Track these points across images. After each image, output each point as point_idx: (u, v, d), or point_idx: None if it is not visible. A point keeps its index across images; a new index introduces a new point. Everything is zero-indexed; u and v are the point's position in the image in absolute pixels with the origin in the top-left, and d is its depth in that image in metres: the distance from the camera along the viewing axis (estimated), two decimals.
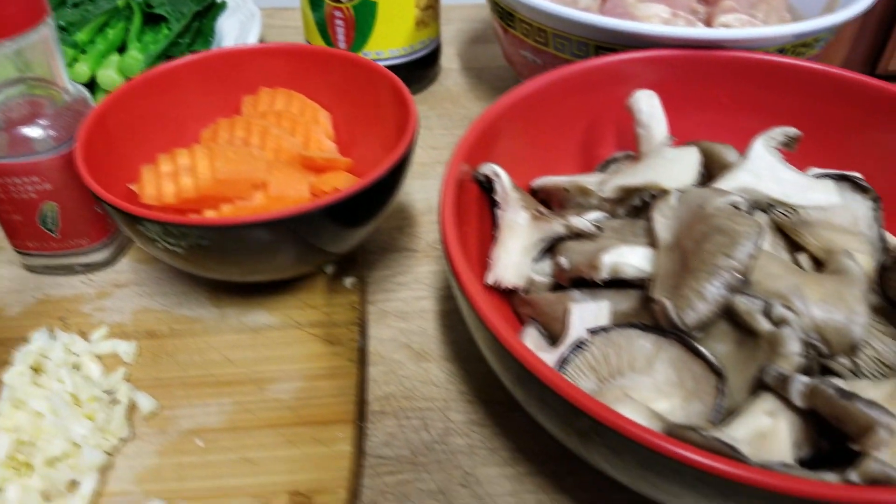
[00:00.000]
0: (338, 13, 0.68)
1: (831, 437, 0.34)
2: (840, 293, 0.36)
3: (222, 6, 0.77)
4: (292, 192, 0.47)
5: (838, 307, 0.36)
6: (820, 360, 0.37)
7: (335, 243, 0.45)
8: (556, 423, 0.34)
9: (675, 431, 0.31)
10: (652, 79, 0.54)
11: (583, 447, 0.34)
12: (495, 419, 0.45)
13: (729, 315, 0.38)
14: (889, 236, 0.46)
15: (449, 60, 0.82)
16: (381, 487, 0.41)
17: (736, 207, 0.39)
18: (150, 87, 0.50)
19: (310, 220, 0.41)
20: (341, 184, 0.48)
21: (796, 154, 0.52)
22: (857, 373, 0.38)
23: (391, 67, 0.69)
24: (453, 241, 0.38)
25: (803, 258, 0.43)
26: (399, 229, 0.58)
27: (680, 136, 0.53)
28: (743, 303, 0.36)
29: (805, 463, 0.35)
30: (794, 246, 0.45)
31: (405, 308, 0.52)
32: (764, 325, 0.36)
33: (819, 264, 0.42)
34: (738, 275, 0.36)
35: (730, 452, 0.29)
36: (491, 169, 0.46)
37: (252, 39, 0.71)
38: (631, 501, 0.40)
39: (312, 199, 0.48)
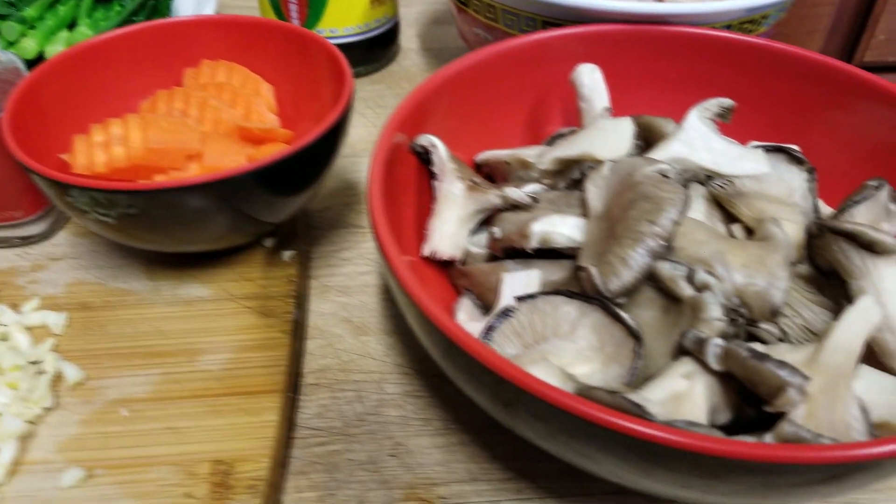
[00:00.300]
0: None
1: (757, 405, 0.33)
2: (762, 259, 0.36)
3: None
4: (228, 163, 0.47)
5: (760, 272, 0.36)
6: (747, 328, 0.37)
7: (268, 212, 0.44)
8: (481, 392, 0.34)
9: (584, 391, 0.31)
10: (598, 54, 0.54)
11: (509, 417, 0.34)
12: (430, 391, 0.44)
13: (654, 282, 0.37)
14: (824, 207, 0.46)
15: (409, 41, 0.81)
16: (310, 458, 0.41)
17: (664, 175, 0.39)
18: (85, 58, 0.50)
19: (237, 185, 0.40)
20: None
21: (743, 129, 0.52)
22: (784, 340, 0.38)
23: (346, 45, 0.69)
24: (379, 210, 0.37)
25: (737, 228, 0.43)
26: (347, 206, 0.58)
27: (627, 113, 0.52)
28: (666, 269, 0.36)
29: (727, 428, 0.35)
30: (731, 217, 0.45)
31: (348, 283, 0.51)
32: (686, 290, 0.36)
33: (752, 234, 0.42)
34: (661, 241, 0.36)
35: (635, 411, 0.29)
36: (428, 140, 0.45)
37: None
38: (559, 470, 0.40)
39: None
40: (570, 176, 0.47)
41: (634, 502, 0.39)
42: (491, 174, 0.52)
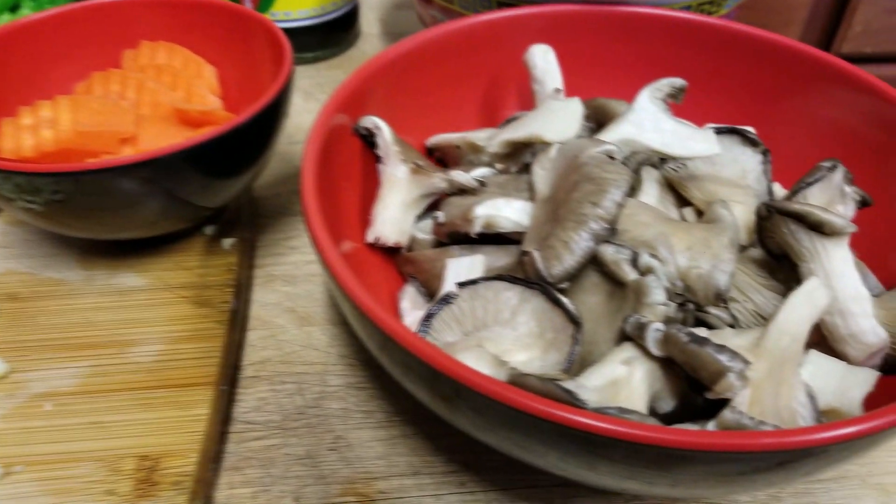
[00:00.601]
0: None
1: (703, 393, 0.32)
2: (707, 241, 0.35)
3: None
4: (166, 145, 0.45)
5: (704, 255, 0.34)
6: (696, 314, 0.36)
7: (203, 196, 0.42)
8: (418, 385, 0.32)
9: (515, 379, 0.29)
10: (553, 35, 0.52)
11: (449, 412, 0.32)
12: (374, 382, 0.43)
13: (599, 266, 0.36)
14: (781, 191, 0.45)
15: (369, 25, 0.79)
16: (245, 453, 0.39)
17: (610, 157, 0.38)
18: (17, 39, 0.48)
19: (167, 166, 0.38)
20: None
21: (703, 113, 0.51)
22: (735, 326, 0.37)
23: (302, 29, 0.67)
24: (311, 194, 0.35)
25: (689, 212, 0.42)
26: (296, 193, 0.56)
27: (583, 96, 0.51)
28: (609, 252, 0.35)
29: (672, 416, 0.34)
30: (684, 201, 0.43)
31: (294, 272, 0.50)
32: (630, 274, 0.34)
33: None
34: (604, 223, 0.35)
35: (566, 398, 0.27)
36: (371, 121, 0.44)
37: None
38: (504, 463, 0.39)
39: None
40: (522, 160, 0.45)
41: (581, 494, 0.38)
42: (443, 159, 0.51)
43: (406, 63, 0.48)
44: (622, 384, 0.31)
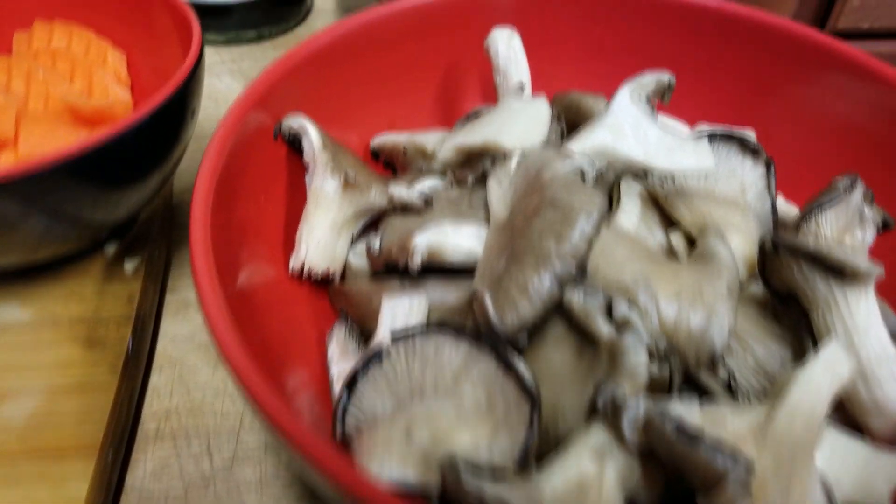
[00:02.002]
0: None
1: None
2: (700, 287, 0.28)
3: None
4: (52, 150, 0.37)
5: (695, 305, 0.27)
6: (686, 373, 0.29)
7: (95, 211, 0.35)
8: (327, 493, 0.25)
9: (450, 486, 0.22)
10: (522, 16, 0.45)
11: None
12: None
13: (565, 314, 0.29)
14: (786, 207, 0.38)
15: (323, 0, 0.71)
16: None
17: (581, 175, 0.31)
18: None
19: (40, 181, 0.30)
20: None
21: (691, 105, 0.44)
22: (733, 388, 0.30)
23: (242, 5, 0.59)
24: (200, 215, 0.28)
25: (677, 237, 0.35)
26: None
27: (553, 88, 0.44)
28: (577, 300, 0.28)
29: None
30: (672, 221, 0.36)
31: None
32: (603, 328, 0.27)
33: (693, 246, 0.34)
34: (571, 263, 0.28)
35: None
36: (297, 121, 0.36)
37: None
38: None
39: None
40: (481, 167, 0.38)
41: None
42: (391, 162, 0.43)
43: (347, 47, 0.40)
44: (590, 488, 0.24)
